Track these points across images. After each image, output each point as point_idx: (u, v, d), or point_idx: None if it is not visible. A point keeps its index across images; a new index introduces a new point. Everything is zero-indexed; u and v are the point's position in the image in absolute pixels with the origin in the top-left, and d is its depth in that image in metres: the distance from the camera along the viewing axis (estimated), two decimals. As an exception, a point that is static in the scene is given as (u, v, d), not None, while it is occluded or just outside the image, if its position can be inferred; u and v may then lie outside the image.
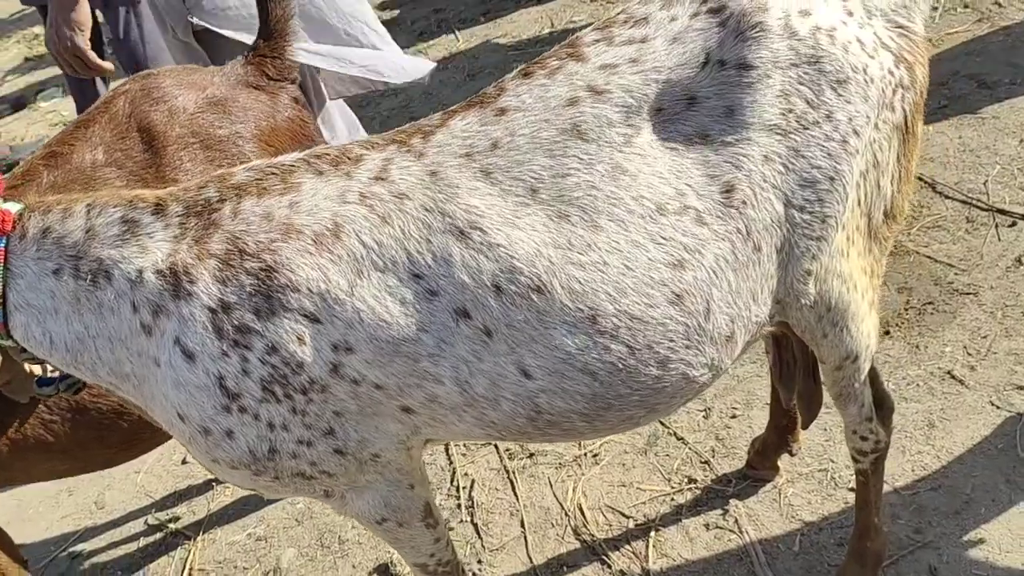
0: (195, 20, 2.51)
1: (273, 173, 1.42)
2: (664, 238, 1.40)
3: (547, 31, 4.91)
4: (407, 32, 5.36)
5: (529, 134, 1.40)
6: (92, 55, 2.41)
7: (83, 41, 2.37)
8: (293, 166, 1.43)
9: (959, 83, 3.46)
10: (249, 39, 2.30)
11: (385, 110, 4.72)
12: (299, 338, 1.37)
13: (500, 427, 1.49)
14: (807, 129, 1.43)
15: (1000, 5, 3.82)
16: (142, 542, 2.67)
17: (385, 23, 5.46)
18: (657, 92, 1.41)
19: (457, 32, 5.23)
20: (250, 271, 1.37)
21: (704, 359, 1.47)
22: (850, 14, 1.48)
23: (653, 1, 1.47)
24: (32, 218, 1.44)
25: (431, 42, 5.23)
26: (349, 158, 1.43)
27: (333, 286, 1.37)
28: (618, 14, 1.49)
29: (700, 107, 1.42)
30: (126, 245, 1.39)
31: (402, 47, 5.02)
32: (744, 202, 1.42)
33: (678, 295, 1.41)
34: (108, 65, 2.47)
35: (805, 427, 2.17)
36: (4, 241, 1.42)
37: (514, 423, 1.47)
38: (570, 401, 1.44)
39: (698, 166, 1.42)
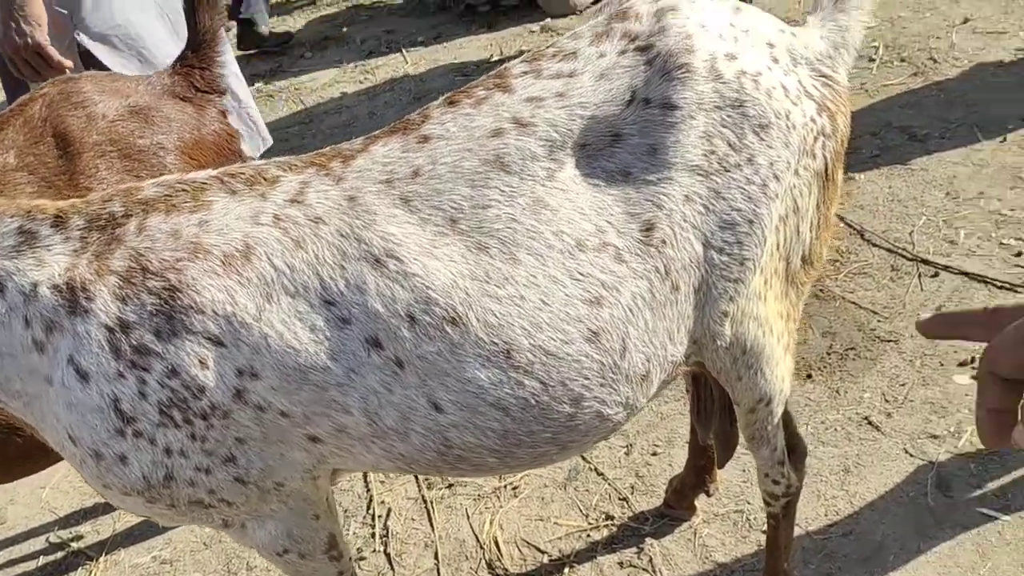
0: (80, 38, 2.42)
1: (184, 190, 1.38)
2: (582, 274, 1.39)
3: (495, 58, 4.94)
4: (355, 50, 5.33)
5: (451, 163, 1.38)
6: (54, 51, 2.31)
7: (43, 36, 2.27)
8: (205, 183, 1.39)
9: (891, 134, 3.56)
10: (135, 69, 2.26)
11: (328, 127, 4.68)
12: (201, 361, 1.32)
13: (409, 460, 1.45)
14: (728, 171, 1.44)
15: (935, 61, 3.95)
16: (43, 560, 2.56)
17: (335, 40, 5.45)
18: (582, 127, 1.41)
19: (406, 53, 5.22)
20: (152, 290, 1.32)
21: (619, 397, 1.46)
22: (776, 61, 1.50)
23: (583, 36, 1.47)
24: None
25: (379, 61, 5.21)
26: (265, 178, 1.39)
27: (240, 309, 1.32)
28: (548, 47, 1.49)
29: (624, 144, 1.42)
30: (21, 257, 1.33)
31: (350, 64, 5.01)
32: (664, 241, 1.42)
33: (594, 332, 1.40)
34: (68, 62, 2.37)
35: (720, 467, 2.18)
36: None
37: (423, 457, 1.44)
38: (481, 437, 1.42)
39: (619, 203, 1.42)
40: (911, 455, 2.36)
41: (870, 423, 2.47)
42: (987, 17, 4.20)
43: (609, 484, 2.45)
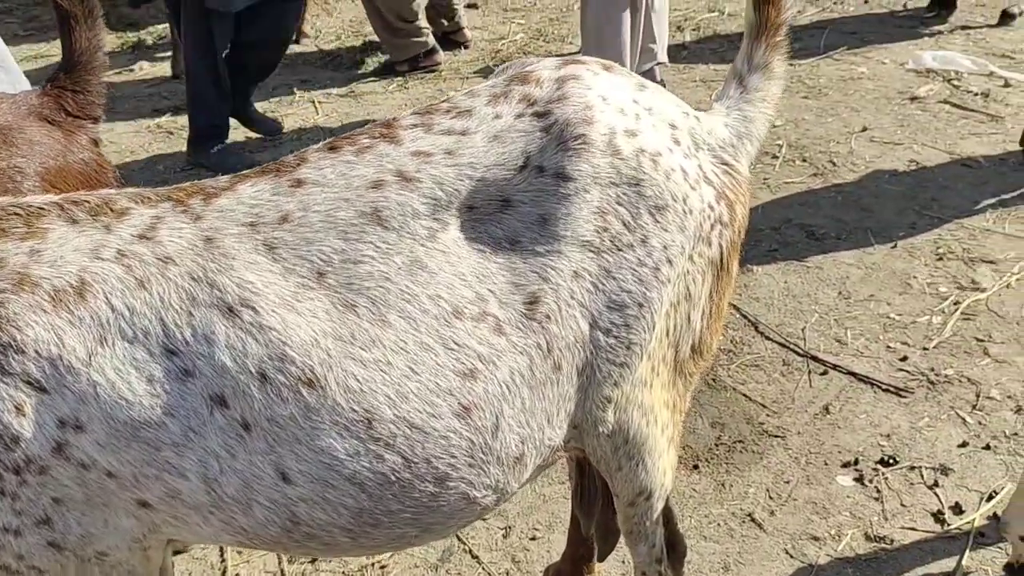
0: None
1: (16, 214, 1.23)
2: (457, 344, 1.29)
3: (411, 119, 4.88)
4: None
5: (324, 211, 1.28)
6: None
7: None
8: (43, 209, 1.24)
9: (790, 230, 3.62)
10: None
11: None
12: (18, 408, 1.16)
13: (251, 535, 1.30)
14: (620, 251, 1.38)
15: (834, 164, 4.07)
16: None
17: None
18: (470, 189, 1.33)
19: (317, 104, 5.12)
20: None
21: (488, 480, 1.35)
22: (677, 143, 1.46)
23: (480, 95, 1.41)
24: None
25: (289, 109, 5.09)
26: (112, 209, 1.26)
27: (67, 352, 1.17)
28: (442, 102, 1.41)
29: (513, 211, 1.35)
30: None
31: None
32: (548, 316, 1.34)
33: (466, 407, 1.30)
34: None
35: (601, 560, 2.08)
36: None
37: (267, 532, 1.29)
38: (333, 513, 1.28)
39: (504, 272, 1.33)
40: (792, 556, 2.31)
41: (753, 520, 2.41)
42: (884, 127, 4.38)
43: (483, 568, 2.31)
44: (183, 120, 4.93)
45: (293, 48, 5.87)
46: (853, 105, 4.62)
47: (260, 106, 5.07)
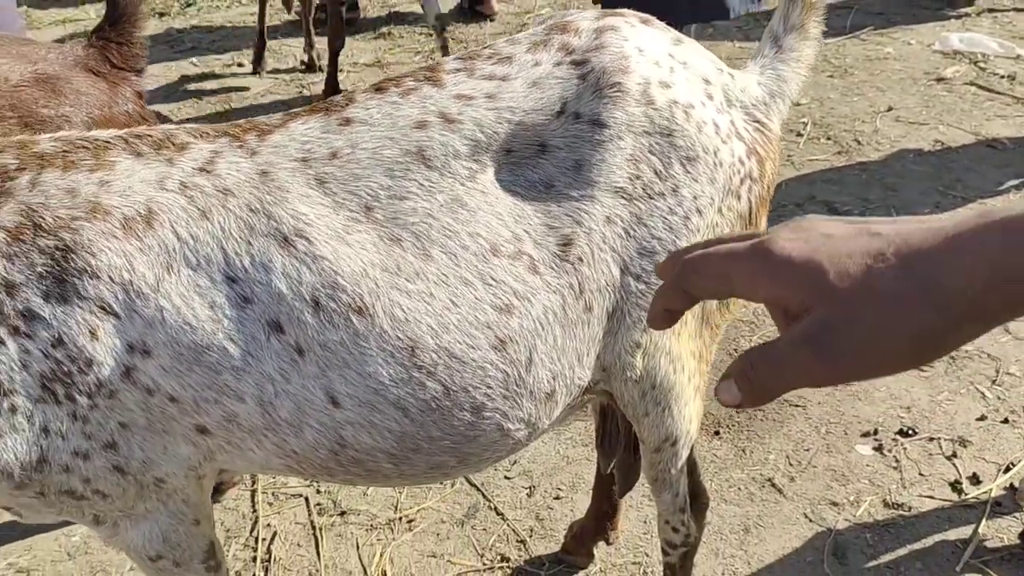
0: None
1: (84, 147, 1.28)
2: (494, 279, 1.33)
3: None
4: (294, 64, 5.25)
5: (371, 149, 1.32)
6: None
7: None
8: (109, 142, 1.29)
9: (814, 207, 3.63)
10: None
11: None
12: (92, 332, 1.21)
13: (300, 458, 1.36)
14: (652, 199, 1.41)
15: (859, 142, 4.08)
16: None
17: (273, 52, 5.34)
18: (508, 132, 1.37)
19: (345, 74, 5.17)
20: (44, 249, 1.21)
21: (521, 413, 1.40)
22: (710, 97, 1.49)
23: (520, 43, 1.44)
24: None
25: (316, 77, 5.14)
26: (174, 143, 1.31)
27: (138, 277, 1.22)
28: (483, 48, 1.45)
29: (549, 156, 1.39)
30: None
31: (286, 77, 4.88)
32: (580, 259, 1.38)
33: (502, 341, 1.34)
34: None
35: (620, 496, 2.11)
36: None
37: (316, 455, 1.35)
38: (378, 437, 1.33)
39: (539, 214, 1.37)
40: (811, 520, 2.35)
41: (773, 485, 2.45)
42: (909, 108, 4.38)
43: (508, 525, 2.36)
44: (211, 86, 5.00)
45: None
46: (879, 85, 4.62)
47: (288, 74, 5.14)
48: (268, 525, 2.39)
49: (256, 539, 2.35)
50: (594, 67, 1.40)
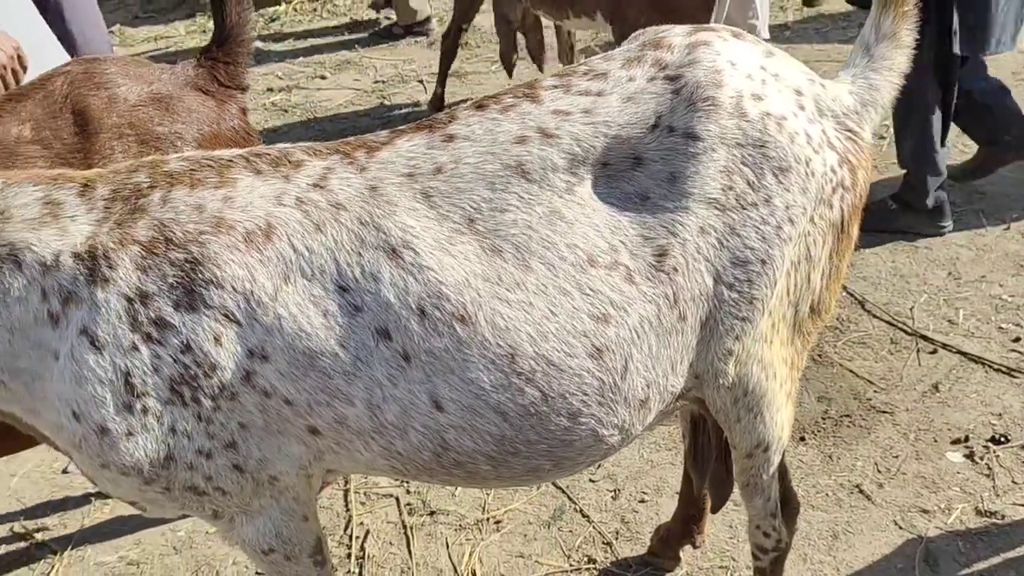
0: None
1: (209, 165, 1.38)
2: (592, 290, 1.38)
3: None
4: (374, 76, 5.38)
5: (474, 164, 1.38)
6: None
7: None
8: (231, 161, 1.39)
9: (899, 212, 3.58)
10: None
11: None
12: (216, 338, 1.31)
13: (405, 460, 1.43)
14: (745, 209, 1.44)
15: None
16: (3, 550, 2.48)
17: (354, 64, 5.46)
18: (605, 146, 1.42)
19: (425, 84, 5.28)
20: (174, 261, 1.31)
21: (615, 419, 1.44)
22: (801, 108, 1.51)
23: (615, 59, 1.49)
24: None
25: (396, 88, 5.26)
26: (290, 161, 1.39)
27: (258, 288, 1.31)
28: (579, 66, 1.50)
29: (644, 169, 1.43)
30: (44, 228, 1.32)
31: (367, 89, 4.99)
32: (675, 269, 1.42)
33: (598, 349, 1.39)
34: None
35: (714, 511, 2.14)
36: None
37: (420, 457, 1.42)
38: (478, 441, 1.40)
39: (634, 225, 1.42)
40: (901, 527, 2.33)
41: (861, 491, 2.44)
42: (999, 109, 4.26)
43: (594, 527, 2.40)
44: (296, 98, 5.17)
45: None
46: (965, 87, 4.51)
47: (369, 86, 5.27)
48: (361, 524, 2.48)
49: (350, 537, 2.44)
50: (688, 81, 1.43)
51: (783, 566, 1.93)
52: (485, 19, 6.00)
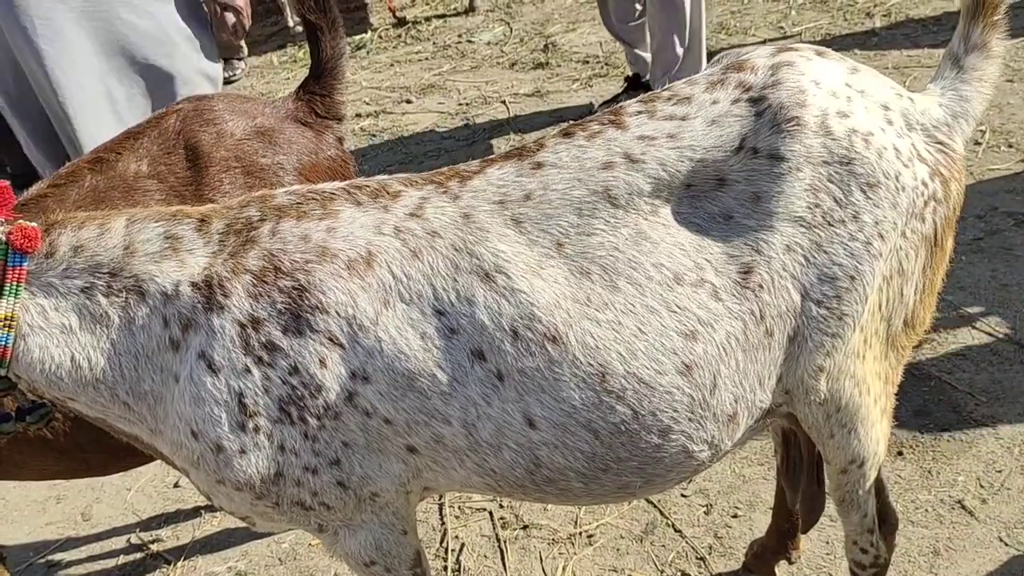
0: None
1: (313, 198, 1.46)
2: (679, 307, 1.41)
3: (596, 110, 5.02)
4: (457, 99, 5.50)
5: (562, 190, 1.43)
6: None
7: None
8: (333, 194, 1.47)
9: (997, 218, 3.48)
10: None
11: (427, 168, 4.82)
12: (321, 361, 1.39)
13: (499, 477, 1.48)
14: (832, 226, 1.45)
15: (1045, 148, 3.86)
16: (122, 560, 2.64)
17: (438, 88, 5.59)
18: (689, 169, 1.44)
19: (508, 104, 5.37)
20: (283, 289, 1.39)
21: (705, 435, 1.46)
22: (890, 123, 1.50)
23: (698, 83, 1.51)
24: (63, 235, 1.44)
25: (480, 110, 5.36)
26: (388, 192, 1.47)
27: (360, 312, 1.39)
28: (663, 90, 1.53)
29: (729, 189, 1.45)
30: (165, 260, 1.41)
31: (451, 111, 5.11)
32: (761, 286, 1.43)
33: (687, 366, 1.41)
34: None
35: (805, 531, 2.12)
36: (25, 260, 1.40)
37: (513, 474, 1.46)
38: (570, 458, 1.44)
39: (719, 244, 1.44)
40: (1006, 544, 2.26)
41: (963, 507, 2.37)
42: (1103, 109, 4.09)
43: (687, 542, 2.41)
44: (383, 123, 5.32)
45: (481, 52, 6.19)
46: (1066, 86, 4.35)
47: (452, 107, 5.39)
48: (456, 537, 2.54)
49: (446, 550, 2.50)
50: (771, 103, 1.45)
51: (882, 583, 1.90)
52: (563, 38, 6.08)
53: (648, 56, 4.66)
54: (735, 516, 2.46)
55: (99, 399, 1.47)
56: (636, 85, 4.74)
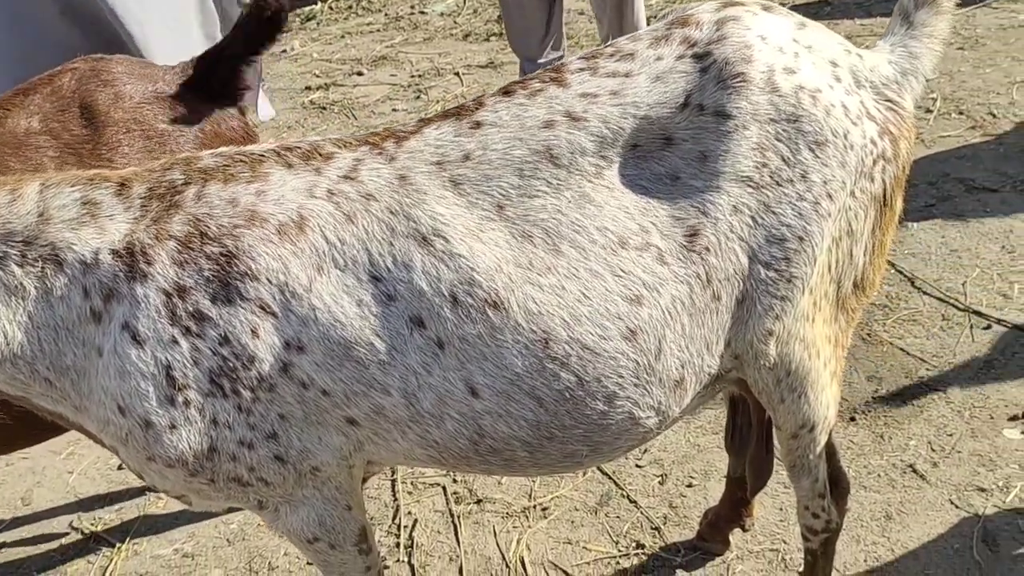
0: None
1: (241, 160, 1.40)
2: (623, 271, 1.37)
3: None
4: (409, 71, 5.41)
5: (502, 150, 1.38)
6: None
7: None
8: (262, 156, 1.40)
9: (948, 185, 3.50)
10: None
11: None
12: (253, 331, 1.33)
13: (442, 448, 1.43)
14: (780, 186, 1.41)
15: (994, 116, 3.89)
16: (63, 543, 2.56)
17: (389, 60, 5.50)
18: (634, 127, 1.40)
19: (461, 76, 5.29)
20: (210, 255, 1.33)
21: (651, 401, 1.43)
22: (838, 79, 1.47)
23: (642, 39, 1.47)
24: None
25: (432, 82, 5.27)
26: (320, 154, 1.40)
27: (292, 279, 1.33)
28: (606, 47, 1.48)
29: (675, 149, 1.41)
30: (83, 227, 1.34)
31: (403, 83, 5.02)
32: (707, 248, 1.40)
33: (632, 331, 1.38)
34: None
35: (751, 496, 2.11)
36: None
37: (456, 444, 1.42)
38: (514, 426, 1.40)
39: (665, 206, 1.40)
40: (957, 507, 2.28)
41: (915, 471, 2.39)
42: (1052, 76, 4.14)
43: (642, 512, 2.39)
44: (334, 95, 5.22)
45: (434, 23, 6.09)
46: (1014, 55, 4.38)
47: (404, 81, 5.30)
48: (409, 513, 2.50)
49: (398, 526, 2.46)
50: (717, 59, 1.41)
51: (834, 547, 1.90)
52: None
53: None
54: (690, 486, 2.45)
55: (18, 376, 1.39)
56: None
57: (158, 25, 2.48)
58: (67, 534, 2.58)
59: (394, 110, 4.99)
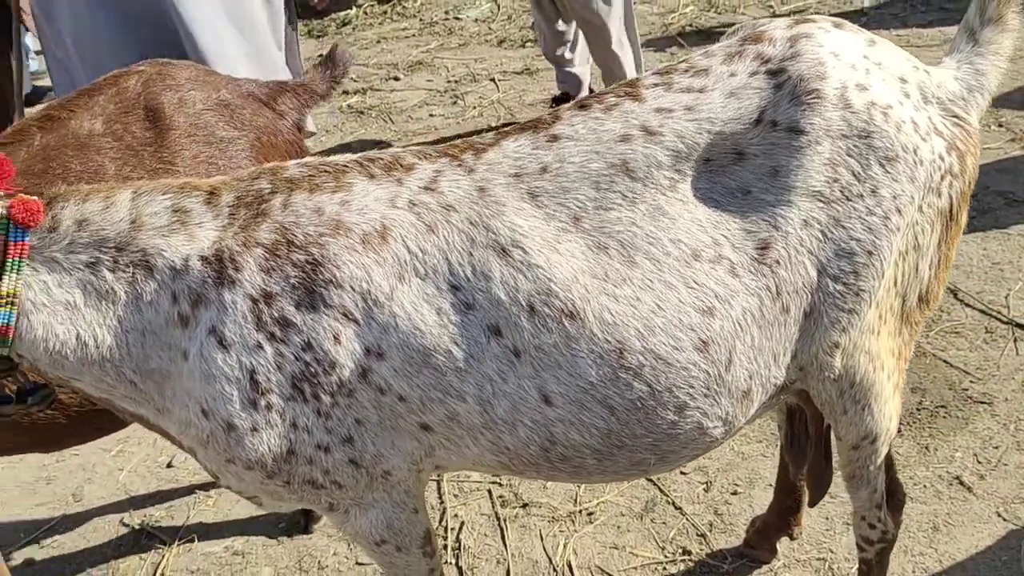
0: None
1: (326, 171, 1.43)
2: (696, 283, 1.39)
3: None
4: (446, 76, 5.45)
5: (578, 163, 1.40)
6: None
7: None
8: (346, 167, 1.44)
9: (988, 198, 3.50)
10: None
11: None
12: (335, 337, 1.36)
13: (512, 455, 1.46)
14: (850, 200, 1.43)
15: (1036, 129, 3.88)
16: (116, 540, 2.60)
17: (426, 65, 5.52)
18: (707, 142, 1.42)
19: (497, 81, 5.32)
20: (296, 263, 1.36)
21: (720, 411, 1.45)
22: (907, 96, 1.49)
23: (716, 55, 1.49)
24: (66, 208, 1.39)
25: (469, 87, 5.30)
26: (402, 165, 1.43)
27: (375, 287, 1.36)
28: (680, 63, 1.51)
29: (747, 163, 1.43)
30: (173, 234, 1.38)
31: (440, 88, 5.06)
32: (778, 261, 1.42)
33: (704, 342, 1.40)
34: None
35: (812, 505, 2.12)
36: (27, 235, 1.35)
37: (527, 451, 1.45)
38: (585, 434, 1.42)
39: (736, 219, 1.42)
40: (1004, 519, 2.28)
41: (961, 483, 2.39)
42: (1093, 88, 4.12)
43: (687, 519, 2.41)
44: (371, 100, 5.26)
45: (468, 29, 6.12)
46: (1055, 66, 4.36)
47: (441, 86, 5.33)
48: (456, 515, 2.53)
49: (445, 528, 2.49)
50: (791, 75, 1.43)
51: (888, 557, 1.91)
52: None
53: (577, 71, 4.57)
54: (734, 493, 2.46)
55: (105, 378, 1.43)
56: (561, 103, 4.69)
57: (225, 28, 2.54)
58: (119, 531, 2.63)
59: (431, 115, 5.03)
